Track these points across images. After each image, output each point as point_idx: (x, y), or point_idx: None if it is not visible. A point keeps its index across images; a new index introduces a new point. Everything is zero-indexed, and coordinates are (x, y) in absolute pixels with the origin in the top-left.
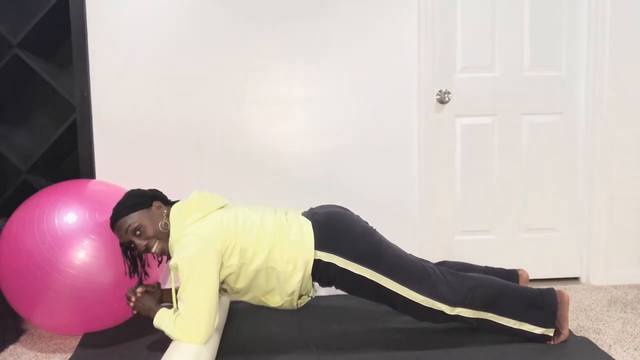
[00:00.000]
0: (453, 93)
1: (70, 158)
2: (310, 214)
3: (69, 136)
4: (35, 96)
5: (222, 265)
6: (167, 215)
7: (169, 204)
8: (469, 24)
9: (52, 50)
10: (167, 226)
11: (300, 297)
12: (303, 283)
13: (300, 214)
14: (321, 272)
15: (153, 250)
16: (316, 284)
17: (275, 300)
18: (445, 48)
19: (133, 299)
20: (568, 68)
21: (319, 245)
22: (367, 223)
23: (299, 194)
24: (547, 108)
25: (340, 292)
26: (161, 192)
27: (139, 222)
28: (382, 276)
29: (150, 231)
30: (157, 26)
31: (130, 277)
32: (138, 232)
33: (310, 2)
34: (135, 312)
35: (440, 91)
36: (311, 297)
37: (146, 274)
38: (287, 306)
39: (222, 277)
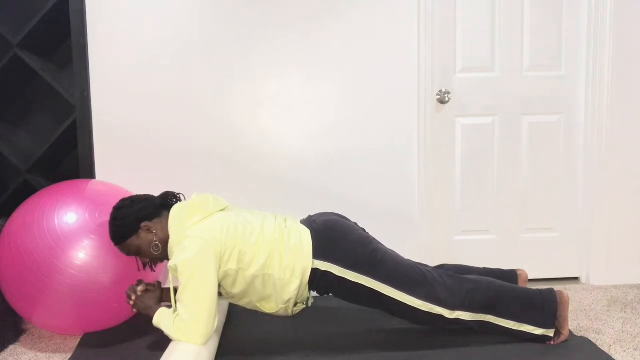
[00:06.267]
0: (453, 93)
1: (70, 158)
2: (309, 222)
3: (69, 136)
4: (35, 96)
5: (219, 268)
6: (162, 227)
7: (162, 208)
8: (469, 24)
9: (52, 50)
10: (158, 248)
11: (295, 304)
12: (299, 291)
13: (299, 221)
14: (319, 281)
15: (154, 265)
16: (313, 292)
17: (270, 307)
18: (445, 48)
19: (133, 297)
20: (568, 68)
21: (316, 254)
22: (364, 230)
23: (298, 194)
24: (547, 108)
25: None
26: (148, 202)
27: (131, 250)
28: (379, 283)
29: (144, 255)
30: (158, 26)
31: (144, 269)
32: (135, 254)
33: (310, 5)
34: (135, 310)
35: (440, 91)
36: (307, 305)
37: (154, 266)
38: (282, 313)
39: (218, 280)
